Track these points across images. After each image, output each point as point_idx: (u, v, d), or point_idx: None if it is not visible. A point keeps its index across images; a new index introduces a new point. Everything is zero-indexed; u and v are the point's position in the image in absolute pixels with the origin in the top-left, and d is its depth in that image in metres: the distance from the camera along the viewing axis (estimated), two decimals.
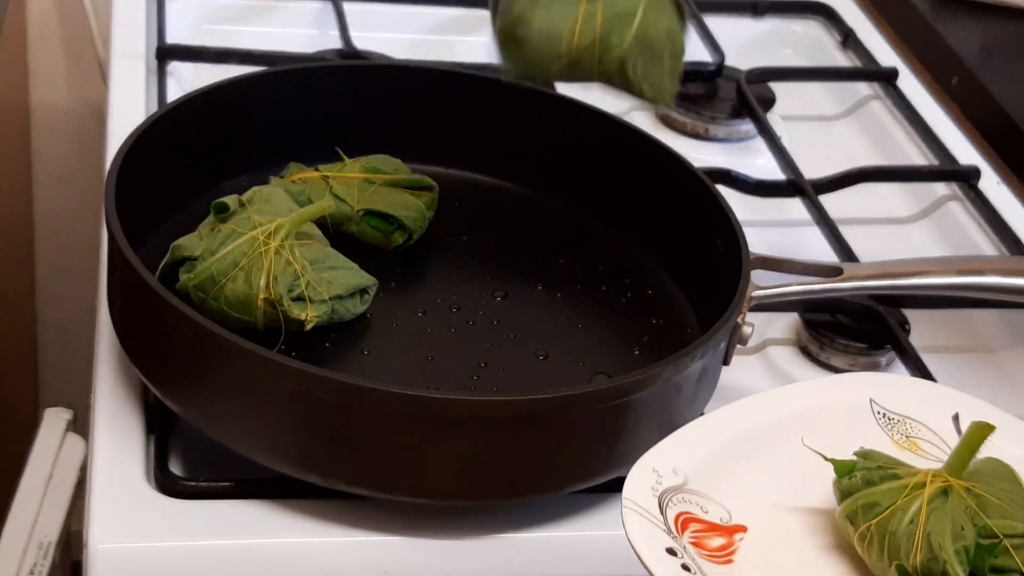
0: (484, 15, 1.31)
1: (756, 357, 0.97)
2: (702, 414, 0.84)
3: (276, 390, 0.75)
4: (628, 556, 0.60)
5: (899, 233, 1.13)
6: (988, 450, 0.65)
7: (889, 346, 0.96)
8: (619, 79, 0.86)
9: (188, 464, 0.81)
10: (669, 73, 0.86)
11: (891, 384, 0.73)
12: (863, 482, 0.63)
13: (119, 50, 1.19)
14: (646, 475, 0.62)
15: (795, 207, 1.09)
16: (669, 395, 0.79)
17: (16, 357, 1.67)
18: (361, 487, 0.77)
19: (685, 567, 0.58)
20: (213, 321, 0.77)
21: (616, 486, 0.74)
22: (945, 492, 0.61)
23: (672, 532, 0.60)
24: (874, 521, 0.61)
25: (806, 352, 0.97)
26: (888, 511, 0.61)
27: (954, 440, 0.66)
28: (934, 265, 0.89)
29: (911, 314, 0.98)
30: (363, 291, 0.88)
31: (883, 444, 0.67)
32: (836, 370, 0.96)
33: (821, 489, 0.65)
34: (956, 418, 0.71)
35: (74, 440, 0.96)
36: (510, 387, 0.85)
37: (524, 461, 0.77)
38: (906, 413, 0.71)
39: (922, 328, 0.98)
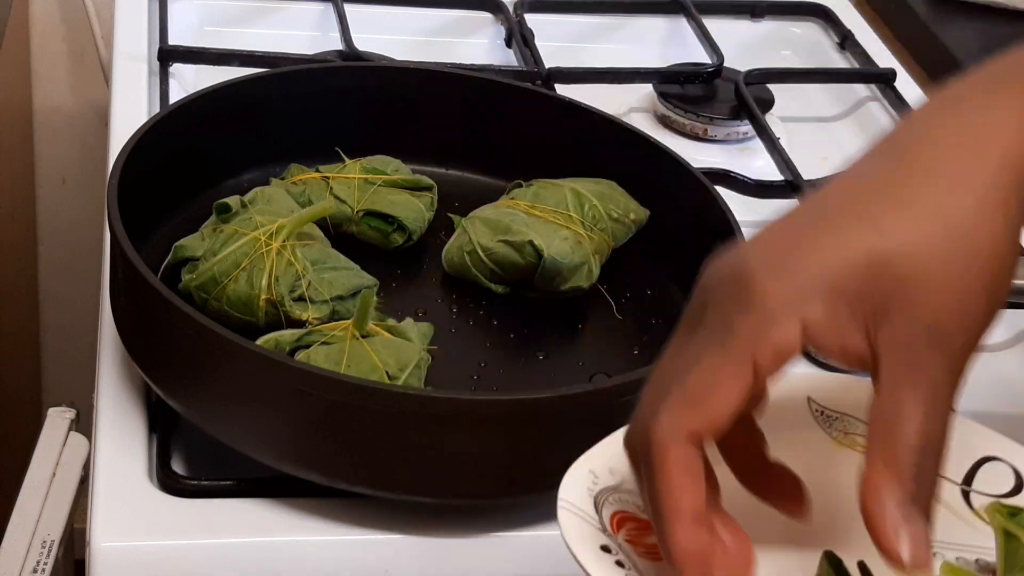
0: (484, 17, 1.32)
1: None
2: None
3: (278, 390, 0.75)
4: None
5: None
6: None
7: None
8: None
9: (190, 463, 0.82)
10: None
11: (828, 383, 0.73)
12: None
13: (121, 52, 1.20)
14: (583, 476, 0.63)
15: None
16: None
17: (19, 357, 1.68)
18: (362, 486, 0.77)
19: (619, 563, 0.59)
20: (215, 321, 0.77)
21: None
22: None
23: (607, 530, 0.60)
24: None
25: (803, 351, 0.97)
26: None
27: None
28: None
29: None
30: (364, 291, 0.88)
31: (823, 441, 0.67)
32: (833, 369, 0.96)
33: None
34: None
35: (77, 439, 0.96)
36: (510, 387, 0.86)
37: (524, 460, 0.77)
38: (843, 410, 0.71)
39: None
